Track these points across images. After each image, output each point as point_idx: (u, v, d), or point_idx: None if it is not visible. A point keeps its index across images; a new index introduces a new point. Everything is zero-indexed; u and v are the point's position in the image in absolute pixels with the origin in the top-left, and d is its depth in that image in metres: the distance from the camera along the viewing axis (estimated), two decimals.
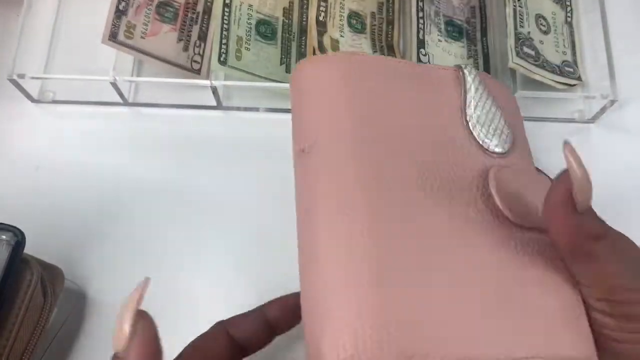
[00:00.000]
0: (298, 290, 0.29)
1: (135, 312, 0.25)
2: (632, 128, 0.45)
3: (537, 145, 0.45)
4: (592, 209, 0.27)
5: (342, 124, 0.30)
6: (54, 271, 0.37)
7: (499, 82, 0.36)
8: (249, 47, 0.44)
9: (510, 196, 0.29)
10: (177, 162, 0.44)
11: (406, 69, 0.33)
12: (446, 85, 0.34)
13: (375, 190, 0.28)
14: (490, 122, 0.33)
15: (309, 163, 0.30)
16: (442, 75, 0.34)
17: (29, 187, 0.43)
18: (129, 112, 0.46)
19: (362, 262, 0.25)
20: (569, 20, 0.47)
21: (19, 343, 0.33)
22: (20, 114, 0.46)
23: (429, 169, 0.30)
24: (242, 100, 0.46)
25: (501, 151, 0.32)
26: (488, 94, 0.34)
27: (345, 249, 0.26)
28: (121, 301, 0.25)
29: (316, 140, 0.30)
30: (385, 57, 0.34)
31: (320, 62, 0.33)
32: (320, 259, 0.26)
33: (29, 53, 0.45)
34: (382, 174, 0.28)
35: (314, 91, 0.32)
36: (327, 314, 0.25)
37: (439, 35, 0.45)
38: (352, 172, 0.28)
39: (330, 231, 0.27)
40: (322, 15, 0.44)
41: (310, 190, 0.29)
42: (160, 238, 0.42)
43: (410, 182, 0.29)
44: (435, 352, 0.24)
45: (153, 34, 0.44)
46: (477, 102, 0.33)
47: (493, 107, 0.33)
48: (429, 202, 0.28)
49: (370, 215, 0.27)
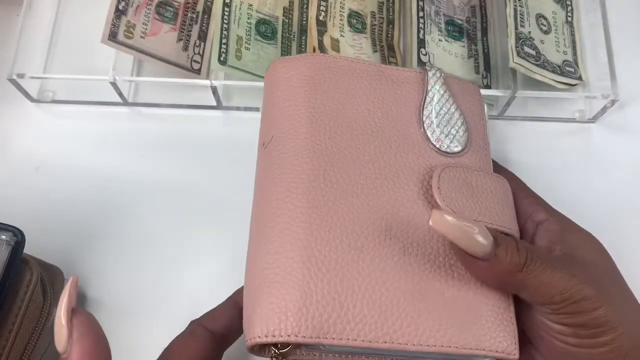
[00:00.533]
0: None
1: (68, 312, 0.25)
2: (633, 128, 0.45)
3: (537, 145, 0.45)
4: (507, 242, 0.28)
5: (299, 121, 0.32)
6: (54, 271, 0.37)
7: (468, 84, 0.37)
8: (249, 47, 0.44)
9: (451, 194, 0.31)
10: (176, 162, 0.44)
11: (372, 71, 0.35)
12: (410, 86, 0.35)
13: (320, 182, 0.30)
14: (446, 123, 0.34)
15: (266, 156, 0.33)
16: (406, 77, 0.36)
17: (29, 187, 0.43)
18: (128, 112, 0.46)
19: (293, 247, 0.28)
20: (570, 20, 0.47)
21: (18, 343, 0.33)
22: (20, 113, 0.46)
23: (377, 165, 0.32)
24: (242, 100, 0.46)
25: (453, 151, 0.33)
26: (449, 95, 0.35)
27: (281, 234, 0.29)
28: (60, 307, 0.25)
29: (274, 135, 0.33)
30: (354, 60, 0.35)
31: (290, 62, 0.35)
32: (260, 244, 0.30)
33: (29, 53, 0.45)
34: (330, 168, 0.31)
35: (279, 90, 0.34)
36: (258, 291, 0.28)
37: (439, 35, 0.45)
38: (301, 165, 0.31)
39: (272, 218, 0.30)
40: (322, 14, 0.44)
41: (262, 181, 0.32)
42: (160, 238, 0.42)
43: (356, 175, 0.31)
44: (348, 332, 0.27)
45: (153, 34, 0.44)
46: (435, 102, 0.35)
47: (452, 108, 0.35)
48: (372, 196, 0.31)
49: (310, 206, 0.30)
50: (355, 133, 0.33)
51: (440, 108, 0.34)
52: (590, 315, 0.27)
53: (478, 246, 0.27)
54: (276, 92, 0.34)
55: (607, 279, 0.29)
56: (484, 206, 0.31)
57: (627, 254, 0.33)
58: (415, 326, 0.28)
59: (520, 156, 0.44)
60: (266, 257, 0.29)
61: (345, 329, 0.27)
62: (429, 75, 0.35)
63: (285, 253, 0.28)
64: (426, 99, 0.35)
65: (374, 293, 0.28)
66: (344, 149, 0.32)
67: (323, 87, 0.34)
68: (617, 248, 0.32)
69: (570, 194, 0.43)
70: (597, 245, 0.31)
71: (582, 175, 0.43)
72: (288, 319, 0.26)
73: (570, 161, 0.44)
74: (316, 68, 0.34)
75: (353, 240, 0.29)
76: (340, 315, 0.27)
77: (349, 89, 0.34)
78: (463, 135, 0.34)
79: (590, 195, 0.43)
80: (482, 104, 0.37)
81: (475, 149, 0.34)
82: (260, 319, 0.27)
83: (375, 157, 0.32)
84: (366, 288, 0.28)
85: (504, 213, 0.32)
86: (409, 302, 0.28)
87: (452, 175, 0.32)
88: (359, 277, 0.28)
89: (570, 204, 0.35)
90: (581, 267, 0.29)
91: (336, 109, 0.33)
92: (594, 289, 0.27)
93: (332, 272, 0.28)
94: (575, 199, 0.42)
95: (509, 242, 0.28)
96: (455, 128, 0.34)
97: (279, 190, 0.31)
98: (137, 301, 0.40)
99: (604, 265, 0.30)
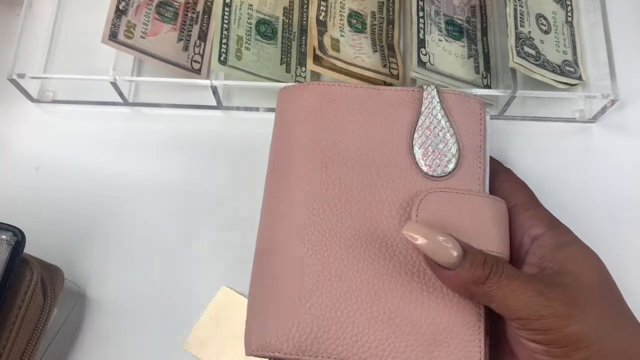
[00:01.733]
0: None
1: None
2: (633, 127, 0.45)
3: (537, 145, 0.45)
4: (475, 254, 0.30)
5: (296, 151, 0.35)
6: (54, 271, 0.37)
7: (468, 100, 0.37)
8: (249, 47, 0.44)
9: (430, 220, 0.32)
10: (177, 162, 0.44)
11: (369, 96, 0.36)
12: (404, 108, 0.36)
13: (307, 214, 0.33)
14: (435, 145, 0.35)
15: (269, 180, 0.36)
16: (402, 98, 0.36)
17: (29, 187, 0.43)
18: (129, 112, 0.46)
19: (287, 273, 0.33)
20: (570, 20, 0.47)
21: (19, 342, 0.33)
22: (20, 113, 0.46)
23: (364, 194, 0.34)
24: (242, 100, 0.46)
25: (440, 174, 0.34)
26: (443, 115, 0.35)
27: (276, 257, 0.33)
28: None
29: (275, 161, 0.36)
30: (354, 86, 0.37)
31: (295, 90, 0.38)
32: (262, 268, 0.34)
33: (29, 53, 0.45)
34: (318, 199, 0.34)
35: (283, 118, 0.37)
36: (255, 310, 0.33)
37: (439, 35, 0.45)
38: (290, 198, 0.34)
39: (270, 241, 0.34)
40: (322, 14, 0.44)
41: (264, 202, 0.36)
42: (160, 238, 0.42)
43: (343, 205, 0.34)
44: (323, 350, 0.31)
45: (153, 34, 0.44)
46: (427, 125, 0.35)
47: (444, 130, 0.35)
48: (355, 225, 0.33)
49: (298, 237, 0.33)
50: (348, 162, 0.35)
51: (430, 132, 0.35)
52: (560, 332, 0.28)
53: (444, 256, 0.30)
54: (280, 119, 0.37)
55: (592, 296, 0.29)
56: (466, 230, 0.32)
57: (627, 254, 0.33)
58: (383, 347, 0.31)
59: (520, 156, 0.44)
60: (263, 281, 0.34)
61: (320, 348, 0.31)
62: (423, 95, 0.36)
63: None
64: (418, 121, 0.35)
65: (348, 317, 0.31)
66: (334, 179, 0.34)
67: (322, 117, 0.36)
68: (617, 248, 0.32)
69: (570, 194, 0.43)
70: (591, 262, 0.31)
71: (582, 174, 0.43)
72: (275, 337, 0.31)
73: (570, 161, 0.44)
74: (317, 98, 0.36)
75: (334, 268, 0.32)
76: (317, 336, 0.31)
77: (346, 118, 0.36)
78: (452, 159, 0.34)
79: (590, 195, 0.43)
80: (481, 120, 0.36)
81: (466, 170, 0.35)
82: (255, 335, 0.32)
83: (363, 186, 0.34)
84: (342, 312, 0.31)
85: (487, 234, 0.32)
86: (379, 326, 0.31)
87: (434, 200, 0.33)
88: (337, 303, 0.32)
89: (571, 204, 0.35)
90: (558, 286, 0.29)
91: (332, 138, 0.35)
92: (566, 307, 0.28)
93: (313, 299, 0.32)
94: (576, 198, 0.42)
95: (477, 255, 0.30)
96: (444, 150, 0.35)
97: (269, 223, 0.35)
98: (137, 301, 0.40)
99: (593, 281, 0.30)
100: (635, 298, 0.31)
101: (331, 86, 0.37)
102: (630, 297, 0.31)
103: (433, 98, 0.36)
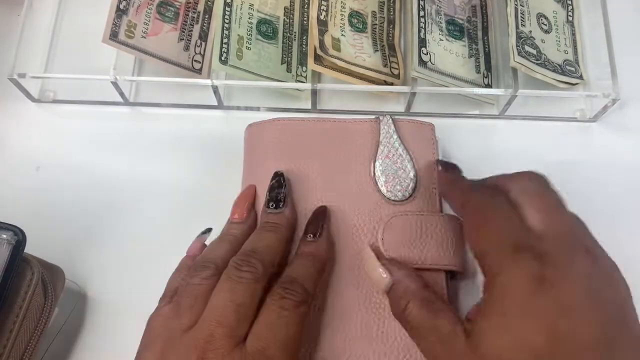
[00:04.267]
0: None
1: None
2: (633, 127, 0.45)
3: (538, 144, 0.45)
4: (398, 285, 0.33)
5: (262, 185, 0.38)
6: (55, 271, 0.37)
7: (421, 126, 0.40)
8: (250, 47, 0.44)
9: (393, 245, 0.35)
10: (177, 162, 0.44)
11: (334, 129, 0.40)
12: (365, 138, 0.39)
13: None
14: (395, 172, 0.38)
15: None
16: (362, 129, 0.40)
17: (29, 186, 0.43)
18: (129, 111, 0.46)
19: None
20: (571, 19, 0.47)
21: (19, 342, 0.33)
22: (21, 113, 0.46)
23: (336, 217, 0.37)
24: (243, 100, 0.46)
25: (402, 199, 0.38)
26: (399, 143, 0.39)
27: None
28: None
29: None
30: (317, 120, 0.40)
31: (259, 126, 0.41)
32: None
33: (30, 52, 0.45)
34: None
35: (250, 152, 0.41)
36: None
37: (440, 34, 0.45)
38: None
39: None
40: (323, 14, 0.44)
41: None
42: (160, 238, 0.42)
43: None
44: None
45: (154, 34, 0.44)
46: (386, 154, 0.39)
47: (401, 157, 0.39)
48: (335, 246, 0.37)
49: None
50: (316, 189, 0.38)
51: (390, 160, 0.38)
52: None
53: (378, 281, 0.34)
54: (248, 154, 0.41)
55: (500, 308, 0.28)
56: (425, 248, 0.35)
57: (627, 254, 0.33)
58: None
59: (521, 155, 0.44)
60: None
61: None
62: (380, 126, 0.39)
63: None
64: (377, 150, 0.39)
65: (330, 340, 0.35)
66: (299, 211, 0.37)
67: (287, 151, 0.39)
68: (617, 247, 0.32)
69: (571, 193, 0.43)
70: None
71: (582, 174, 0.43)
72: None
73: (571, 160, 0.44)
74: (281, 133, 0.40)
75: (315, 301, 0.35)
76: (305, 356, 0.34)
77: (312, 151, 0.39)
78: (410, 183, 0.38)
79: (591, 194, 0.43)
80: (433, 143, 0.40)
81: (424, 192, 0.38)
82: None
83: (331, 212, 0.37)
84: (324, 336, 0.35)
85: (446, 250, 0.36)
86: (357, 347, 0.34)
87: (397, 224, 0.36)
88: (318, 329, 0.35)
89: (571, 203, 0.35)
90: (451, 311, 0.31)
91: (296, 171, 0.38)
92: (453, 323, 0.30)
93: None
94: (576, 198, 0.42)
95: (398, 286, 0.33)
96: (403, 177, 0.38)
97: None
98: (137, 301, 0.40)
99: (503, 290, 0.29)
100: (635, 298, 0.31)
101: (295, 122, 0.40)
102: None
103: (389, 127, 0.39)
